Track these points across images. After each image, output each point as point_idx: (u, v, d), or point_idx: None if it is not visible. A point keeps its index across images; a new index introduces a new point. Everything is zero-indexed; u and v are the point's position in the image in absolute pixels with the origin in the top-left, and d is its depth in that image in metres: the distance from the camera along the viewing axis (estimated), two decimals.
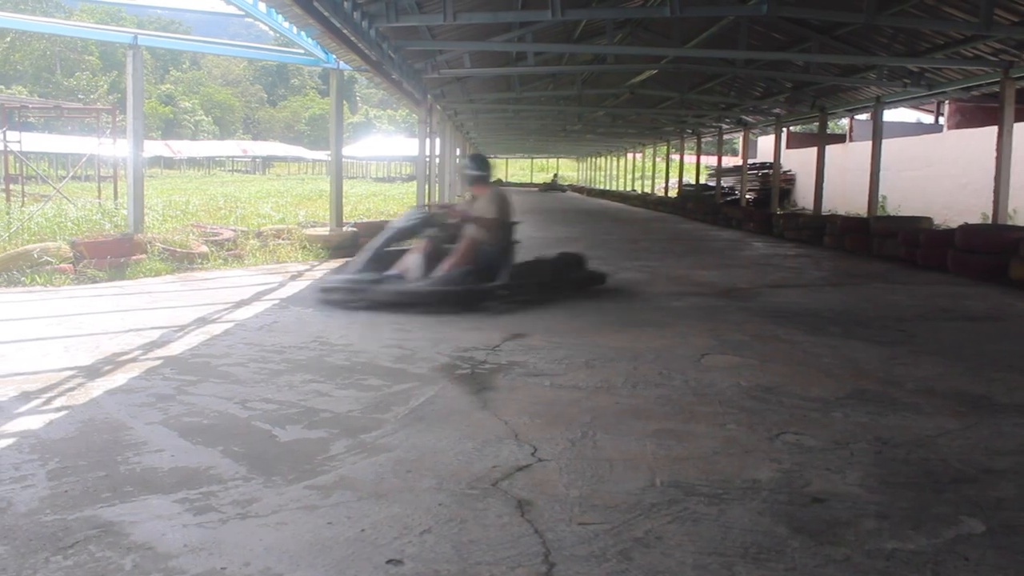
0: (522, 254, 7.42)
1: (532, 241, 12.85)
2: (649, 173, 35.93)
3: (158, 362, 4.52)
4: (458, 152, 23.53)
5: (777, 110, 19.37)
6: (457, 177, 6.86)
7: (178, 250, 8.72)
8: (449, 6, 8.39)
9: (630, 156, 42.14)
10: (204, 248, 9.00)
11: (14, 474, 2.83)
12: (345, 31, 8.24)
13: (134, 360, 4.57)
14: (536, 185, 55.41)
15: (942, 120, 24.06)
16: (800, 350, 5.34)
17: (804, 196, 25.12)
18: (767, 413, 3.82)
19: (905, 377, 4.61)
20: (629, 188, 38.90)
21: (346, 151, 53.28)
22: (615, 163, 44.93)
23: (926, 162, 19.27)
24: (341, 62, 10.61)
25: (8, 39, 67.08)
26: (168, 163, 57.51)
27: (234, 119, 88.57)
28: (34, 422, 3.43)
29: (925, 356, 5.22)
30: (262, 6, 8.04)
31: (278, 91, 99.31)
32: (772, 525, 2.58)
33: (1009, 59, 11.11)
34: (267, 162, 64.71)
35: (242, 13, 8.30)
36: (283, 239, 10.00)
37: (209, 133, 78.81)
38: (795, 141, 28.54)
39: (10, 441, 3.19)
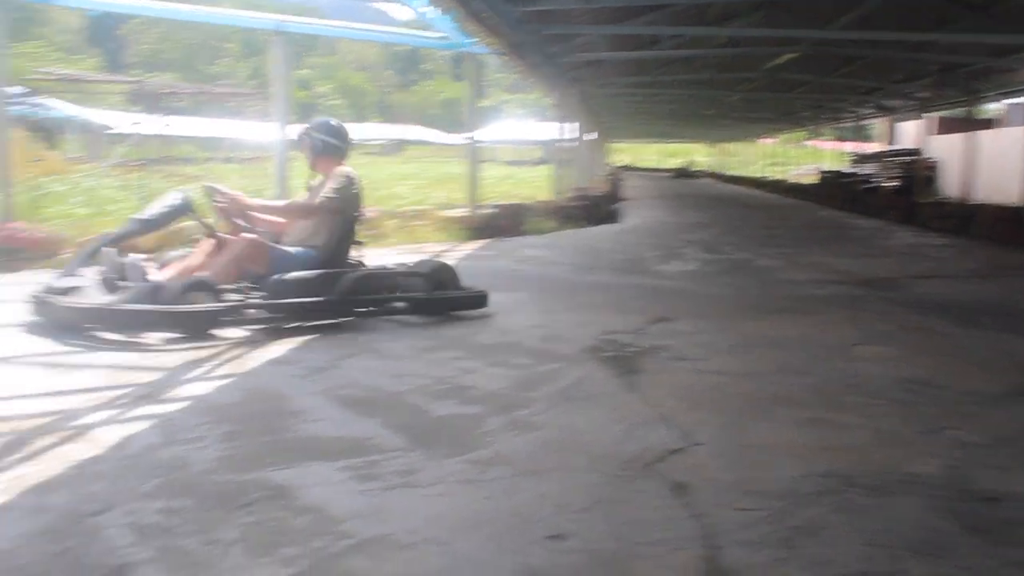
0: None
1: (665, 227, 12.70)
2: (784, 159, 34.64)
3: (313, 336, 4.71)
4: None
5: (922, 94, 18.21)
6: (305, 148, 5.33)
7: None
8: None
9: (764, 142, 40.74)
10: None
11: (190, 435, 3.03)
12: (487, 14, 8.33)
13: (291, 331, 4.79)
14: (668, 170, 54.34)
15: None
16: (951, 342, 5.05)
17: (949, 184, 23.61)
18: (922, 406, 3.63)
19: None
20: (763, 175, 37.63)
21: (477, 135, 53.93)
22: (749, 149, 43.56)
23: None
24: (476, 46, 10.72)
25: (160, 30, 71.42)
26: None
27: (368, 103, 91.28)
28: (202, 388, 3.65)
29: None
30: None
31: (410, 76, 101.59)
32: (939, 521, 2.45)
33: None
34: (400, 145, 66.46)
35: None
36: (422, 220, 10.26)
37: (344, 116, 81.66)
38: (940, 127, 26.79)
39: (184, 404, 3.42)
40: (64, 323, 4.52)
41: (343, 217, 5.30)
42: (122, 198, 10.48)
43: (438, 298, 5.38)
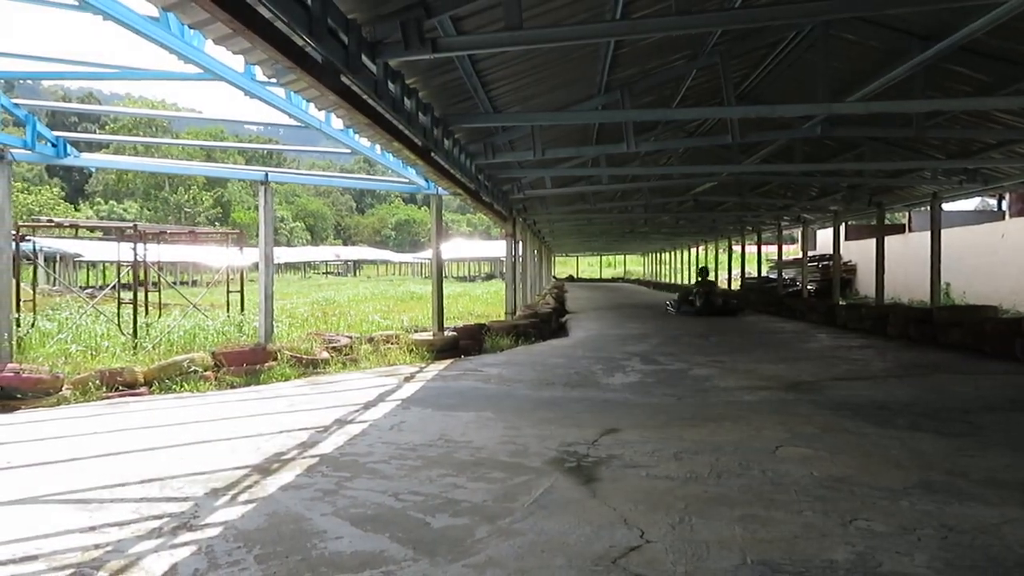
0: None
1: (607, 339, 13.32)
2: (712, 266, 36.15)
3: (314, 460, 5.12)
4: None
5: (834, 207, 19.69)
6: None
7: (304, 357, 9.50)
8: (538, 144, 9.26)
9: (693, 250, 42.48)
10: (325, 354, 9.77)
11: (228, 559, 3.41)
12: (451, 170, 9.12)
13: (293, 459, 5.18)
14: (606, 280, 56.04)
15: (1005, 205, 23.89)
16: (868, 442, 5.61)
17: (866, 285, 24.99)
18: (839, 501, 4.16)
19: (971, 468, 4.86)
20: (694, 281, 39.05)
21: (428, 254, 55.37)
22: (678, 256, 45.30)
23: (990, 249, 19.10)
24: (439, 188, 11.54)
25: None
26: None
27: (326, 226, 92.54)
28: (229, 515, 4.02)
29: (992, 447, 5.42)
30: (378, 148, 8.96)
31: (365, 200, 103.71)
32: None
33: None
34: (357, 265, 67.25)
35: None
36: (392, 344, 10.73)
37: (302, 239, 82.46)
38: (854, 232, 28.51)
39: (216, 531, 3.78)
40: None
41: None
42: (110, 333, 10.73)
43: None
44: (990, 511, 4.00)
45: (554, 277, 41.07)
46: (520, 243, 18.94)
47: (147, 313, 13.47)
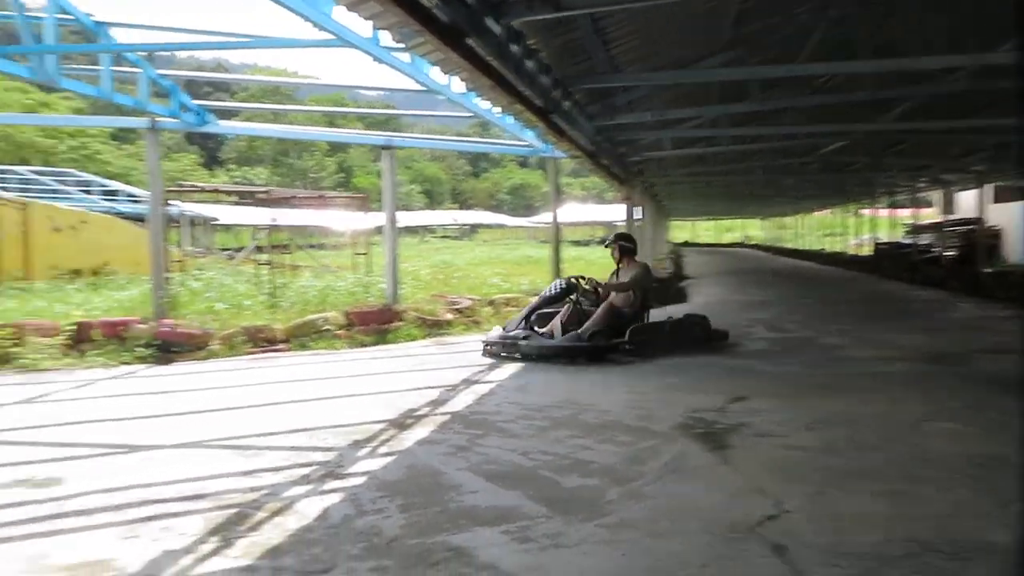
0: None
1: (729, 306, 13.00)
2: (838, 230, 34.53)
3: (446, 417, 5.29)
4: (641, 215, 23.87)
5: (978, 167, 18.27)
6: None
7: (428, 318, 9.77)
8: (658, 104, 9.05)
9: (818, 213, 40.68)
10: (449, 316, 10.02)
11: (373, 507, 3.58)
12: (570, 131, 9.05)
13: (426, 416, 5.37)
14: (725, 245, 54.45)
15: None
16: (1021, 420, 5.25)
17: (1014, 251, 23.21)
18: (995, 481, 3.88)
19: None
20: (819, 247, 37.44)
21: (543, 218, 55.34)
22: (803, 221, 43.47)
23: None
24: (557, 151, 11.49)
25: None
26: None
27: (442, 190, 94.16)
28: (371, 465, 4.23)
29: None
30: (496, 110, 9.00)
31: (480, 164, 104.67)
32: None
33: None
34: (473, 229, 68.22)
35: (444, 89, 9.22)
36: (512, 306, 10.87)
37: (420, 203, 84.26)
38: (1001, 194, 26.42)
39: (360, 480, 3.98)
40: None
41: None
42: (251, 293, 11.37)
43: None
44: None
45: (670, 242, 40.31)
46: (637, 207, 18.66)
47: (281, 274, 14.17)
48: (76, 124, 40.25)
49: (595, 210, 58.26)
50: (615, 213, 41.09)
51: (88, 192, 27.65)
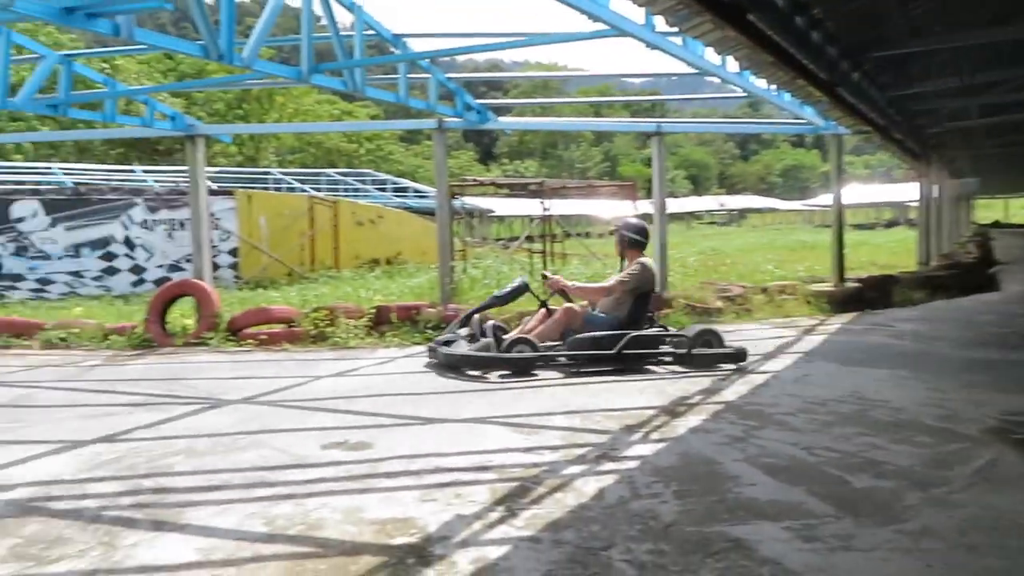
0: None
1: None
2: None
3: (719, 407, 5.17)
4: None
5: None
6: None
7: (697, 305, 9.58)
8: (963, 68, 8.00)
9: None
10: (719, 303, 9.74)
11: (648, 491, 3.60)
12: (858, 105, 8.36)
13: (697, 404, 5.29)
14: None
15: None
16: None
17: None
18: None
19: None
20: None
21: (819, 200, 51.70)
22: None
23: None
24: (840, 127, 10.65)
25: None
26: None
27: (709, 175, 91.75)
28: (644, 450, 4.25)
29: None
30: (773, 87, 8.54)
31: (750, 146, 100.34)
32: None
33: None
34: (742, 214, 65.76)
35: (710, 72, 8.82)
36: (787, 294, 10.31)
37: (684, 189, 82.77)
38: None
39: (634, 464, 4.02)
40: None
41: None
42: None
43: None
44: None
45: (975, 223, 35.68)
46: (935, 184, 16.75)
47: (552, 261, 14.72)
48: (373, 128, 45.01)
49: (881, 190, 53.24)
50: (905, 192, 37.23)
51: (383, 189, 30.74)
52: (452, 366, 6.64)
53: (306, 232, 17.16)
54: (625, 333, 6.59)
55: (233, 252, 15.77)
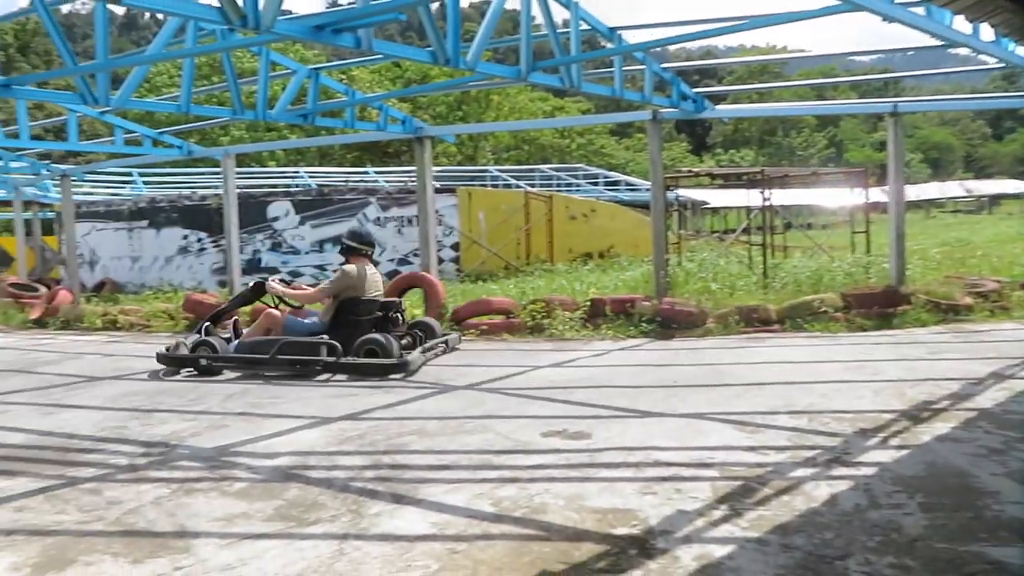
0: None
1: None
2: None
3: (971, 414, 4.66)
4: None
5: None
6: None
7: (942, 302, 8.70)
8: None
9: None
10: (968, 300, 8.78)
11: (889, 500, 3.33)
12: None
13: (944, 410, 4.81)
14: None
15: None
16: None
17: None
18: None
19: None
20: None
21: None
22: None
23: None
24: None
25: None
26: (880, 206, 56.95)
27: (952, 158, 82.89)
28: (881, 456, 3.94)
29: None
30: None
31: (1003, 124, 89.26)
32: None
33: None
34: (993, 200, 58.79)
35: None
36: None
37: (922, 174, 75.29)
38: None
39: (871, 471, 3.74)
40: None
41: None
42: (743, 274, 11.48)
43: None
44: None
45: None
46: None
47: (772, 255, 14.00)
48: (585, 123, 45.39)
49: None
50: None
51: (595, 184, 30.93)
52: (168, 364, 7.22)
53: (522, 227, 17.68)
54: (281, 339, 6.88)
55: (455, 247, 16.60)
